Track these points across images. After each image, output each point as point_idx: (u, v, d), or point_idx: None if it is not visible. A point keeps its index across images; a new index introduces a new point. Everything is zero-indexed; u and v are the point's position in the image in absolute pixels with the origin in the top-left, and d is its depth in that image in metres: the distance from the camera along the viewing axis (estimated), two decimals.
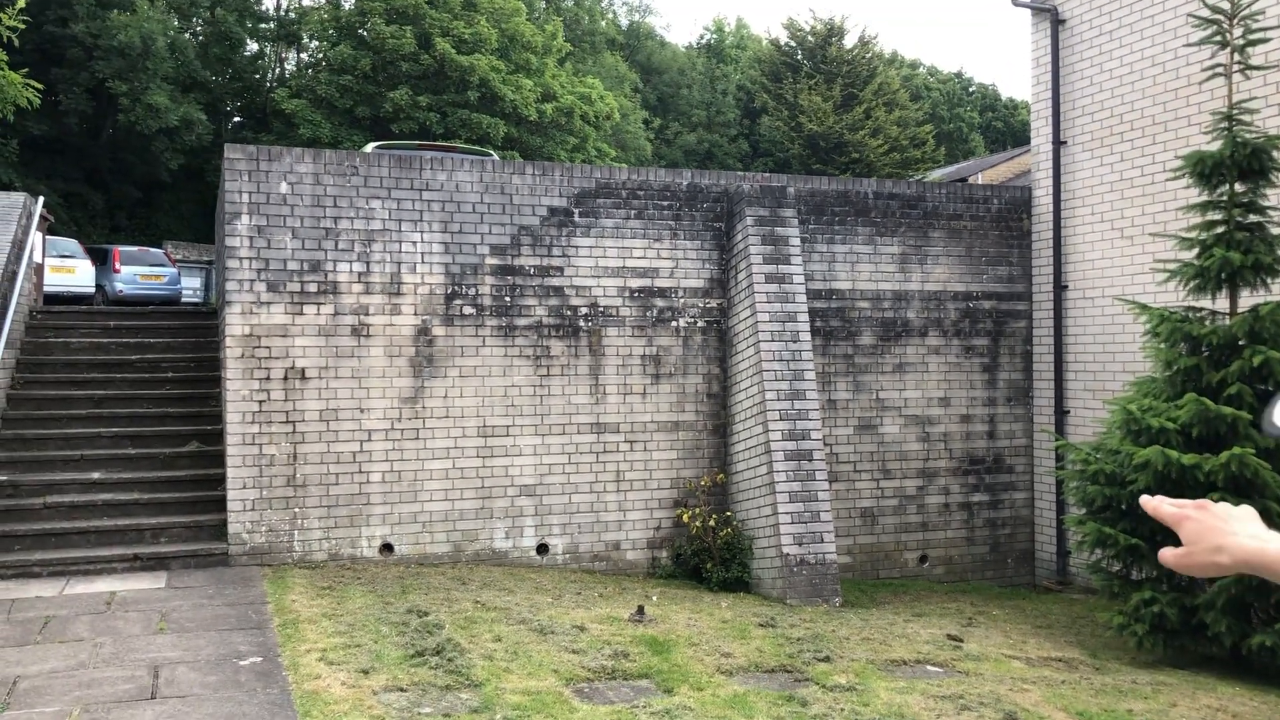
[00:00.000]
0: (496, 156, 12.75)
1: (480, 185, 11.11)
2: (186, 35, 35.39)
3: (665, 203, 11.74)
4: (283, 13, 39.65)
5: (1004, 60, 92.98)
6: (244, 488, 10.37)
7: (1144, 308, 9.17)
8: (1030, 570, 13.12)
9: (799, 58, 48.63)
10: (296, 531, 10.50)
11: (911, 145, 46.97)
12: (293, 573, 10.07)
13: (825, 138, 44.45)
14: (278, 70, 40.53)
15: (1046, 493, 12.89)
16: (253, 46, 39.27)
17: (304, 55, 40.88)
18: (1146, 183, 11.51)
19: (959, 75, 66.51)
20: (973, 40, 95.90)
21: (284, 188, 10.51)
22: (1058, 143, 12.58)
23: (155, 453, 11.38)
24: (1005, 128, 63.79)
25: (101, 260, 22.18)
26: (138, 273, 22.40)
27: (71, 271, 20.66)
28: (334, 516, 10.60)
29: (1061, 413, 12.57)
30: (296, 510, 10.50)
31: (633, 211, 11.62)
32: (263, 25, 38.55)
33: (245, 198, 10.41)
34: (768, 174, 12.37)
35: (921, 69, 65.54)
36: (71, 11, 29.40)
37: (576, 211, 11.44)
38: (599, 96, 37.73)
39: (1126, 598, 8.63)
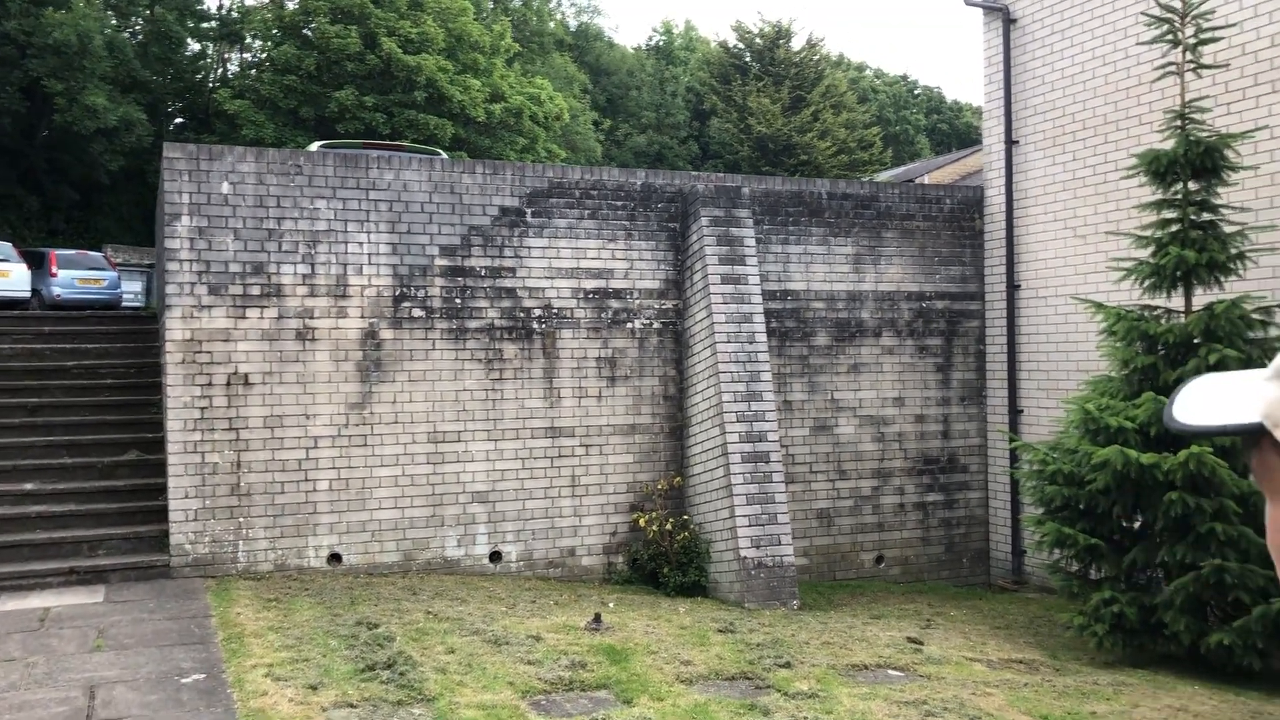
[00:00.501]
0: (445, 156, 12.50)
1: (429, 185, 10.86)
2: (125, 34, 34.59)
3: (619, 203, 11.56)
4: (225, 12, 38.95)
5: (949, 63, 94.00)
6: (186, 497, 10.04)
7: (1100, 306, 9.16)
8: (985, 570, 13.11)
9: (747, 60, 48.76)
10: (241, 542, 10.18)
11: (859, 147, 47.23)
12: (237, 584, 9.75)
13: (774, 140, 44.55)
14: (220, 70, 39.79)
15: (1001, 492, 12.89)
16: (194, 46, 38.51)
17: (247, 55, 40.19)
18: (1099, 182, 11.53)
19: (905, 78, 67.10)
20: (919, 42, 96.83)
21: (225, 188, 10.19)
22: (1010, 142, 12.58)
23: (93, 462, 10.99)
24: (950, 130, 64.44)
25: (37, 264, 21.52)
26: (75, 276, 21.75)
27: (5, 275, 20.04)
28: (280, 526, 10.30)
29: (1015, 412, 12.58)
30: (241, 520, 10.19)
31: (586, 211, 11.43)
32: (204, 24, 37.83)
33: (185, 198, 10.08)
34: (722, 174, 12.25)
35: (868, 71, 66.04)
36: (3, 8, 28.59)
37: (529, 211, 11.23)
38: (548, 97, 37.48)
39: (1086, 598, 8.59)
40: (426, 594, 9.76)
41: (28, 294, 20.38)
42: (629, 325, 11.60)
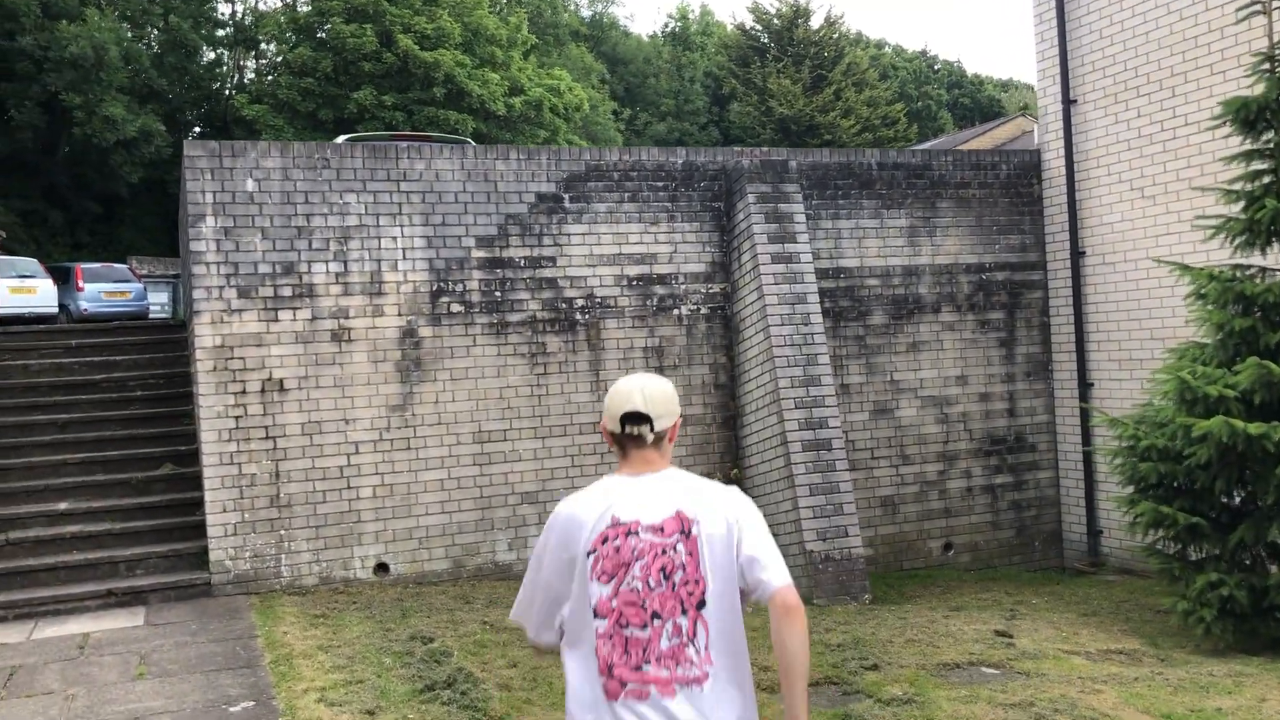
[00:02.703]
0: (474, 144, 11.99)
1: (462, 173, 10.35)
2: (141, 44, 34.29)
3: (660, 183, 11.02)
4: (239, 17, 38.62)
5: (967, 36, 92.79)
6: (224, 511, 9.60)
7: (1185, 268, 8.53)
8: (1059, 552, 12.49)
9: (765, 41, 48.06)
10: (284, 555, 9.73)
11: (883, 124, 46.51)
12: (282, 601, 9.30)
13: (796, 121, 43.88)
14: (237, 77, 39.50)
15: (1073, 470, 12.27)
16: (210, 54, 38.22)
17: (263, 61, 39.87)
18: (1167, 138, 10.88)
19: (924, 53, 66.36)
20: (936, 17, 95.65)
21: (250, 185, 9.72)
22: (1068, 101, 11.93)
23: (126, 478, 10.58)
24: (973, 103, 63.74)
25: (64, 279, 21.23)
26: (102, 290, 21.42)
27: (32, 292, 19.72)
28: (323, 537, 9.84)
29: (1085, 385, 11.94)
30: (282, 532, 9.73)
31: (626, 194, 10.89)
32: (219, 31, 37.50)
33: (209, 198, 9.62)
34: (766, 149, 11.67)
35: (887, 48, 65.32)
36: (18, 24, 28.30)
37: (567, 197, 10.70)
38: (567, 88, 36.97)
39: (1189, 581, 7.98)
40: (480, 602, 9.28)
41: (55, 309, 20.06)
42: (675, 312, 11.07)
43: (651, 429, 2.85)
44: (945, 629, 8.40)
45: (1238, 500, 8.18)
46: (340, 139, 13.20)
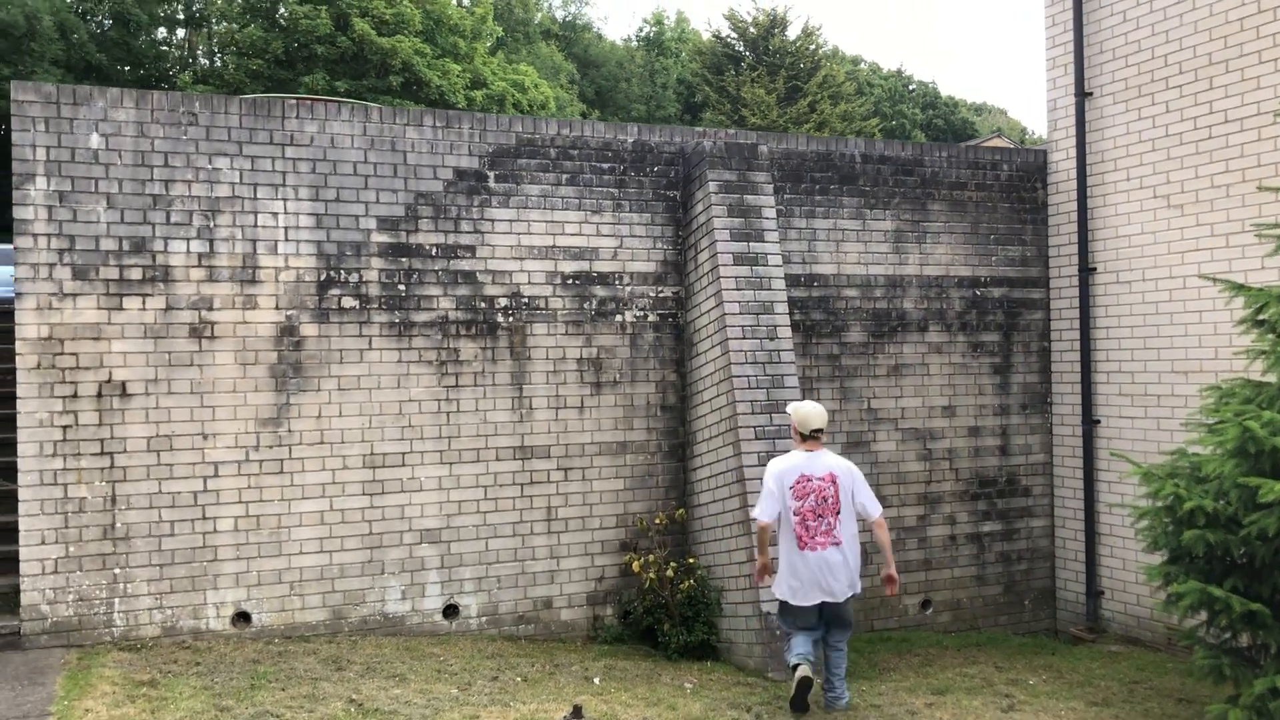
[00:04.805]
0: (379, 106, 10.21)
1: (364, 140, 8.55)
2: (79, 17, 32.24)
3: (606, 165, 9.28)
4: None
5: (943, 59, 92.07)
6: (43, 542, 7.72)
7: (1241, 287, 6.90)
8: (1051, 613, 10.84)
9: (740, 49, 46.59)
10: (118, 600, 7.87)
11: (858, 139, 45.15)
12: (106, 659, 7.43)
13: (769, 131, 42.34)
14: (187, 56, 37.49)
15: (1071, 520, 10.62)
16: (161, 31, 36.21)
17: (213, 43, 37.89)
18: (1201, 137, 9.29)
19: (899, 73, 65.54)
20: (914, 39, 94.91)
21: (95, 141, 7.88)
22: (1082, 94, 10.32)
23: None
24: (946, 125, 62.99)
25: None
26: (13, 273, 19.37)
27: None
28: (169, 578, 7.98)
29: (1090, 422, 10.30)
30: (117, 571, 7.87)
31: (565, 176, 9.14)
32: (166, 6, 35.46)
33: (41, 154, 7.77)
34: (732, 130, 9.97)
35: (864, 64, 64.51)
36: None
37: (492, 175, 8.93)
38: (533, 84, 35.30)
39: (1242, 681, 6.33)
40: (356, 669, 7.47)
41: None
42: (618, 318, 9.33)
43: (821, 433, 6.92)
44: None
45: None
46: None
